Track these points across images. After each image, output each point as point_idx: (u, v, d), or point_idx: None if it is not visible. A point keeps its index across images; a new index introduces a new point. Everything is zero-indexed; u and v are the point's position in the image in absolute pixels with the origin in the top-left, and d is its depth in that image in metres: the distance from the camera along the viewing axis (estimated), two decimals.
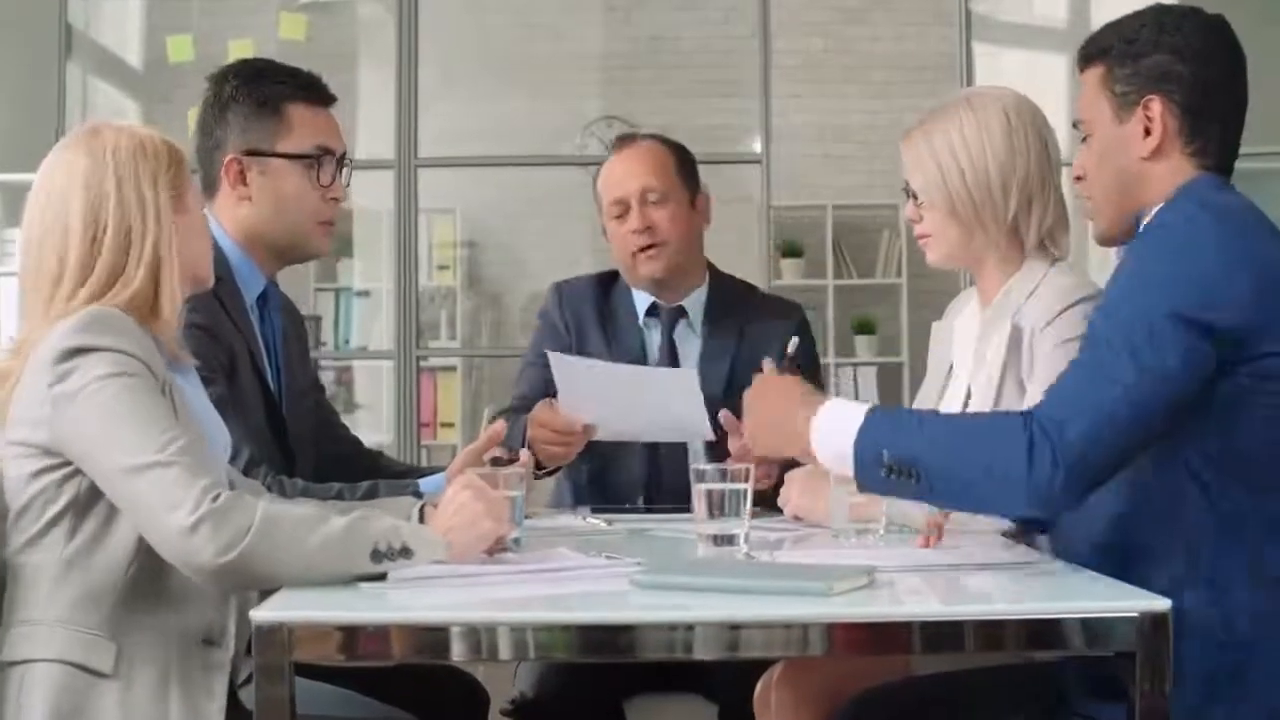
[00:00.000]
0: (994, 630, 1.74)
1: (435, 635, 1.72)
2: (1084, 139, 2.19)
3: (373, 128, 5.46)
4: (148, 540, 1.94)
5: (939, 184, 2.48)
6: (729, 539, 2.15)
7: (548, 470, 2.92)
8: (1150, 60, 2.10)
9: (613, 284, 3.26)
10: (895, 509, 2.21)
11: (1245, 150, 2.17)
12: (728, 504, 2.16)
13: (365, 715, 2.33)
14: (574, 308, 3.24)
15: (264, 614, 1.71)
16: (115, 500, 1.96)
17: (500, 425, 2.69)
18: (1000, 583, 1.96)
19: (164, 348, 2.10)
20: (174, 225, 2.10)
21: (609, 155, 3.27)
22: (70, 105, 5.37)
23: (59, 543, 2.00)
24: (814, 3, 7.34)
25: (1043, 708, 2.07)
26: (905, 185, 2.53)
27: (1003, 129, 2.44)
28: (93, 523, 2.00)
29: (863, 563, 1.92)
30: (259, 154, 2.68)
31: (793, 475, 2.55)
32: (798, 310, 3.30)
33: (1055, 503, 1.90)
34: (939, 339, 2.70)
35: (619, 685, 2.84)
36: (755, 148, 5.40)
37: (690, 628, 1.71)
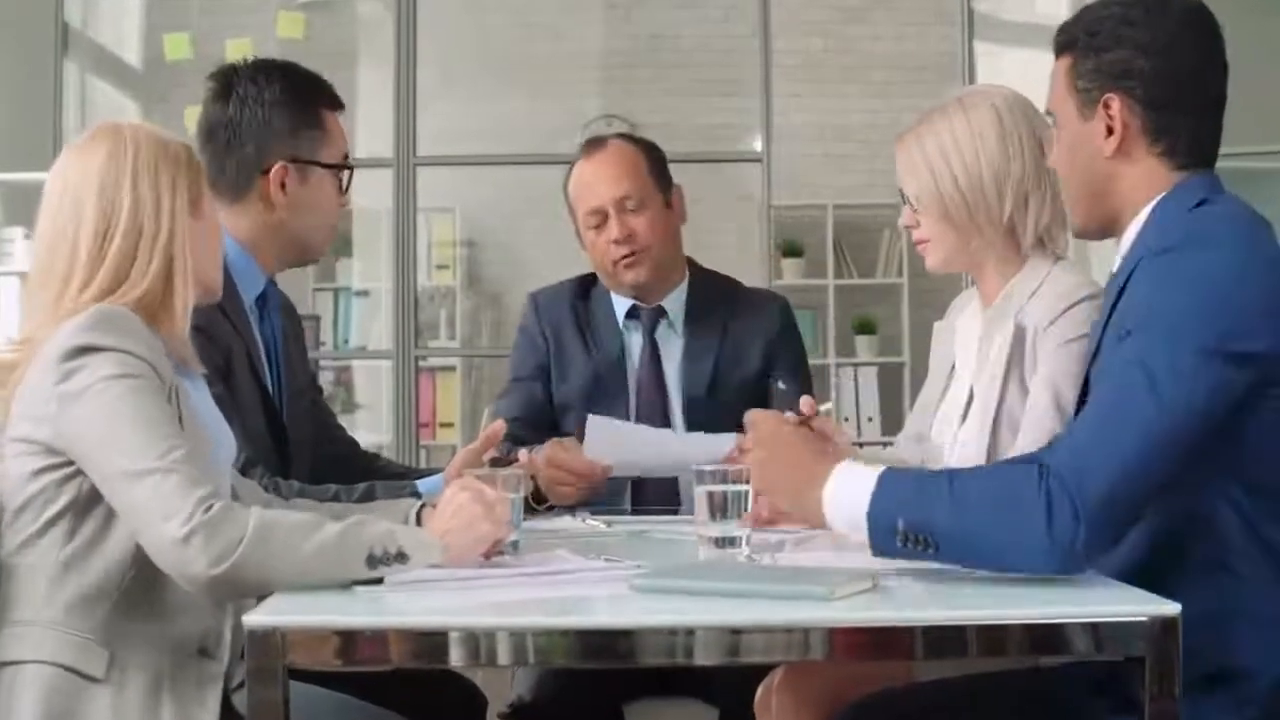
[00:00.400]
0: (999, 635, 1.72)
1: (433, 640, 1.70)
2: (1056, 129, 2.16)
3: (371, 126, 5.45)
4: (144, 548, 1.92)
5: (932, 188, 2.47)
6: (730, 541, 2.13)
7: (549, 505, 2.85)
8: (1111, 55, 2.04)
9: (591, 286, 3.24)
10: None
11: (1245, 150, 2.13)
12: (729, 506, 2.14)
13: None
14: (551, 317, 3.21)
15: (257, 618, 1.69)
16: (113, 503, 1.94)
17: (499, 425, 2.67)
18: (1005, 586, 1.92)
19: (172, 351, 2.08)
20: (188, 230, 2.09)
21: (577, 160, 3.18)
22: (67, 104, 5.34)
23: (56, 544, 1.98)
24: (814, 1, 7.32)
25: (1049, 715, 2.03)
26: (900, 191, 2.51)
27: (995, 129, 2.42)
28: (91, 525, 1.99)
29: (866, 566, 1.90)
30: (305, 162, 2.68)
31: None
32: (778, 302, 3.27)
33: (1078, 559, 1.82)
34: (941, 339, 2.69)
35: (618, 689, 2.82)
36: (756, 147, 5.38)
37: (691, 632, 1.69)
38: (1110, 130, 2.05)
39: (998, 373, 2.42)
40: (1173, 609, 1.69)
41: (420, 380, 5.77)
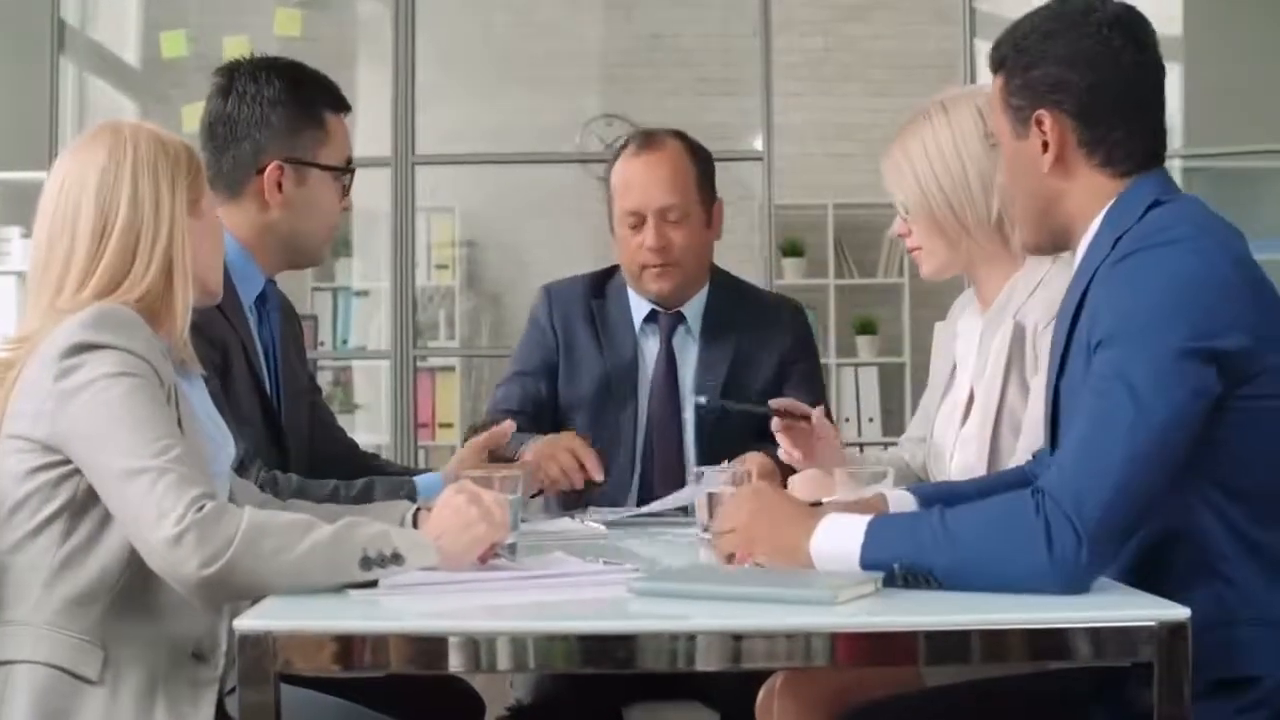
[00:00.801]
0: (1004, 640, 1.69)
1: (431, 645, 1.67)
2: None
3: (370, 125, 5.41)
4: (136, 548, 1.90)
5: (918, 194, 2.47)
6: None
7: (537, 492, 2.85)
8: (1039, 72, 2.01)
9: (606, 283, 3.20)
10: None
11: (1245, 150, 2.10)
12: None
13: None
14: (564, 311, 3.18)
15: (248, 622, 1.67)
16: (107, 502, 1.93)
17: (509, 424, 2.64)
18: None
19: (172, 352, 2.07)
20: (188, 229, 2.07)
21: (628, 148, 3.12)
22: (64, 103, 5.31)
23: (52, 544, 1.97)
24: (815, 0, 7.30)
25: None
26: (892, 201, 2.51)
27: (977, 129, 2.41)
28: (88, 526, 1.97)
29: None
30: (302, 163, 2.65)
31: (796, 479, 2.52)
32: (794, 308, 3.25)
33: (1084, 576, 1.79)
34: (942, 340, 2.67)
35: (618, 692, 2.80)
36: (756, 146, 5.35)
37: (691, 638, 1.66)
38: (1046, 146, 2.02)
39: (997, 372, 2.40)
40: (1181, 614, 1.66)
41: (420, 381, 5.74)
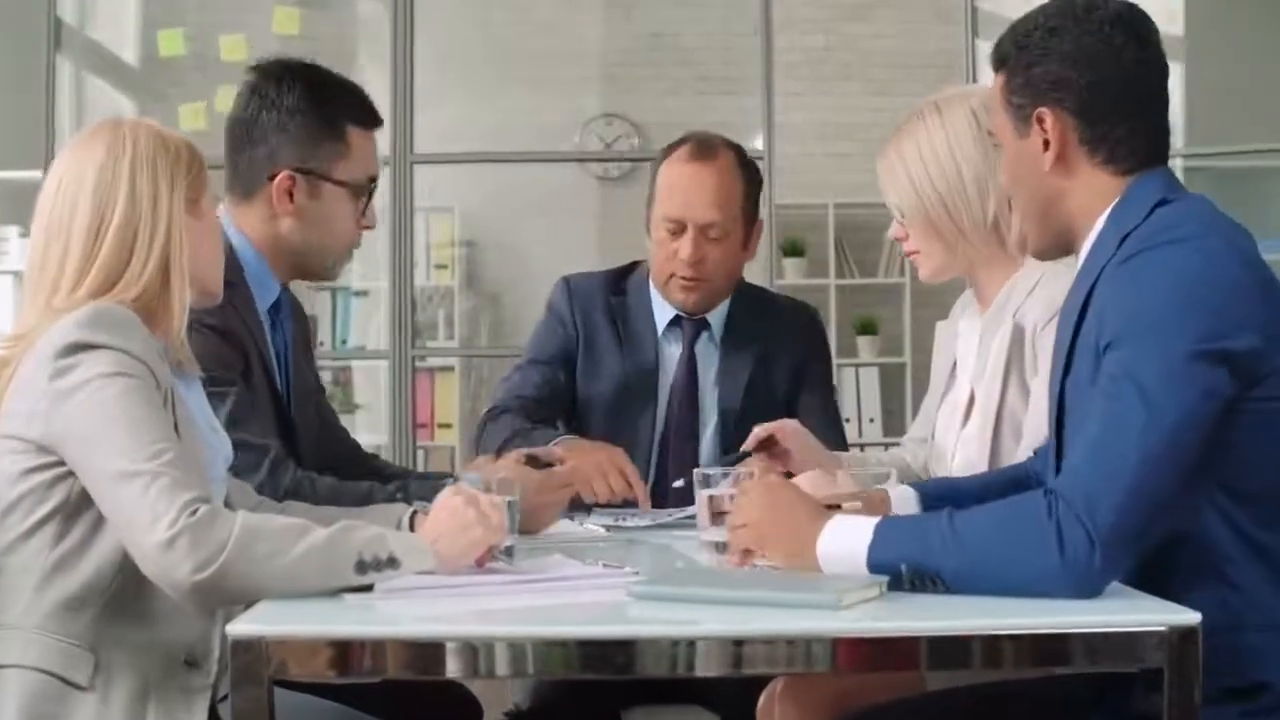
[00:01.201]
0: (1009, 646, 1.66)
1: (429, 651, 1.65)
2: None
3: None
4: (129, 552, 1.88)
5: (913, 197, 2.45)
6: None
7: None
8: (1040, 69, 1.99)
9: (624, 282, 3.16)
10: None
11: (1247, 149, 2.07)
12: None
13: None
14: (584, 305, 3.13)
15: (241, 627, 1.64)
16: (101, 505, 1.90)
17: (558, 452, 2.63)
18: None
19: (169, 353, 2.04)
20: (185, 229, 2.04)
21: (680, 151, 3.05)
22: (61, 101, 5.29)
23: (45, 547, 1.94)
24: None
25: None
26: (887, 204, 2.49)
27: (971, 130, 2.40)
28: (81, 529, 1.95)
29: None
30: (315, 175, 2.60)
31: (799, 481, 2.48)
32: (809, 314, 3.24)
33: (1096, 580, 1.76)
34: (944, 339, 2.65)
35: (618, 696, 2.77)
36: (757, 145, 5.33)
37: (691, 643, 1.64)
38: (1047, 145, 1.99)
39: (997, 373, 2.39)
40: (1191, 619, 1.64)
41: (419, 381, 5.72)
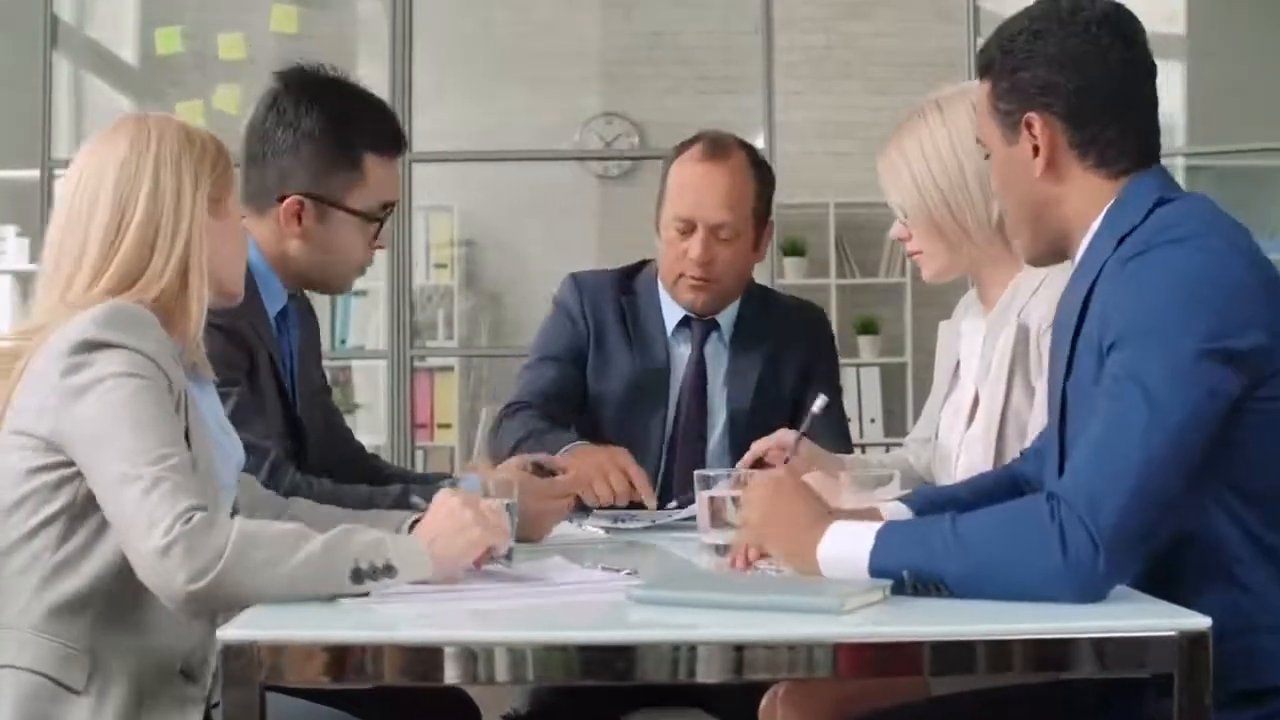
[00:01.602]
0: (1015, 651, 1.63)
1: (426, 656, 1.62)
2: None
3: None
4: (127, 556, 1.85)
5: (915, 197, 2.43)
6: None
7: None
8: (1026, 75, 1.96)
9: (633, 282, 3.13)
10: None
11: (1248, 148, 2.04)
12: (732, 511, 2.06)
13: None
14: (594, 302, 3.10)
15: (233, 632, 1.61)
16: (104, 507, 1.87)
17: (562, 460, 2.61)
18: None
19: (185, 355, 2.01)
20: (206, 229, 2.01)
21: (692, 150, 3.02)
22: (58, 100, 5.27)
23: (47, 548, 1.92)
24: None
25: None
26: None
27: (973, 128, 2.36)
28: (85, 532, 1.92)
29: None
30: (325, 202, 2.56)
31: None
32: (816, 314, 3.22)
33: (1101, 584, 1.73)
34: (947, 339, 2.64)
35: (617, 699, 2.75)
36: (757, 144, 5.31)
37: (692, 648, 1.61)
38: (1036, 150, 1.97)
39: (1002, 374, 2.37)
40: (1202, 623, 1.61)
41: (418, 381, 5.70)
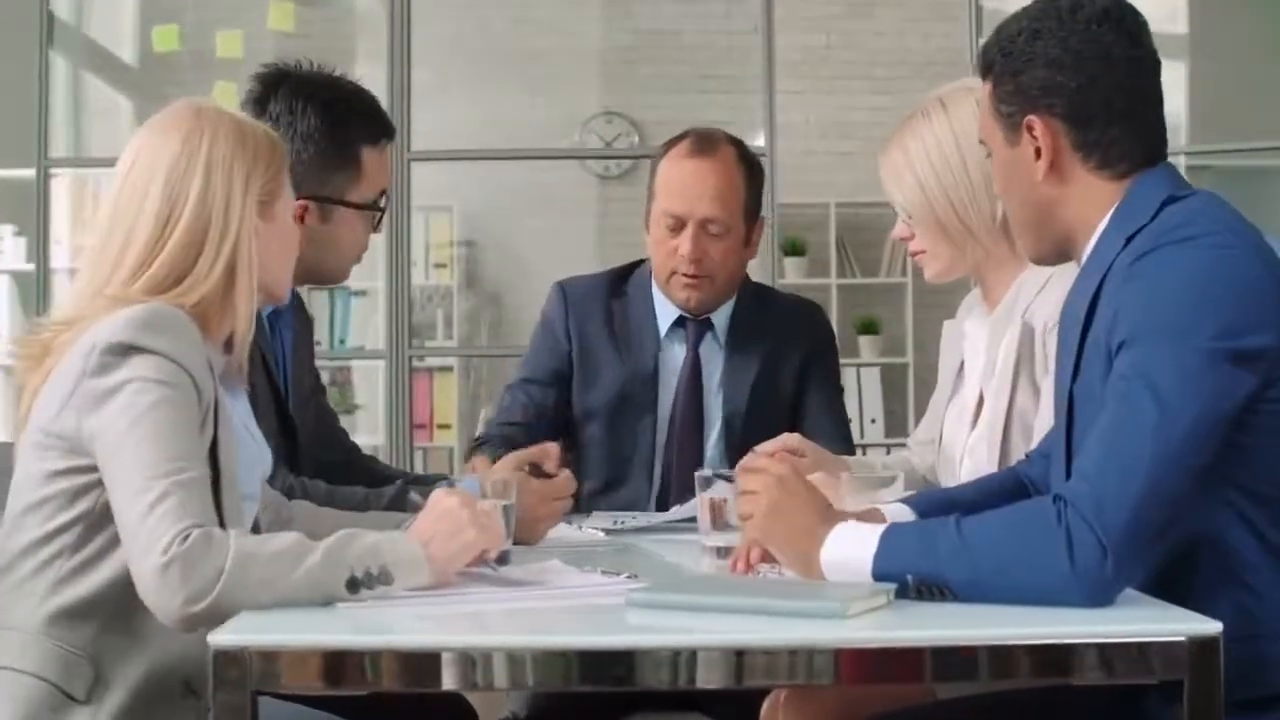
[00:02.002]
0: (1021, 657, 1.60)
1: (421, 662, 1.60)
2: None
3: None
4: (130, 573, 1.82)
5: (919, 196, 2.41)
6: (734, 552, 2.00)
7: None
8: (1027, 76, 1.93)
9: (627, 280, 3.10)
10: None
11: (1250, 147, 2.01)
12: (733, 514, 2.03)
13: None
14: (580, 314, 3.06)
15: (224, 637, 1.59)
16: (114, 514, 1.83)
17: (552, 446, 2.58)
18: None
19: (229, 361, 1.98)
20: (255, 230, 1.98)
21: (680, 146, 3.00)
22: (55, 99, 5.24)
23: (61, 553, 1.90)
24: None
25: None
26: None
27: (976, 124, 2.34)
28: (99, 541, 1.89)
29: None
30: (328, 201, 2.56)
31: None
32: (815, 312, 3.20)
33: (1109, 588, 1.70)
34: (950, 338, 2.62)
35: (616, 702, 2.71)
36: (758, 144, 5.28)
37: (692, 654, 1.58)
38: (1039, 153, 1.94)
39: (1007, 374, 2.35)
40: (1213, 628, 1.58)
41: (417, 381, 5.67)
